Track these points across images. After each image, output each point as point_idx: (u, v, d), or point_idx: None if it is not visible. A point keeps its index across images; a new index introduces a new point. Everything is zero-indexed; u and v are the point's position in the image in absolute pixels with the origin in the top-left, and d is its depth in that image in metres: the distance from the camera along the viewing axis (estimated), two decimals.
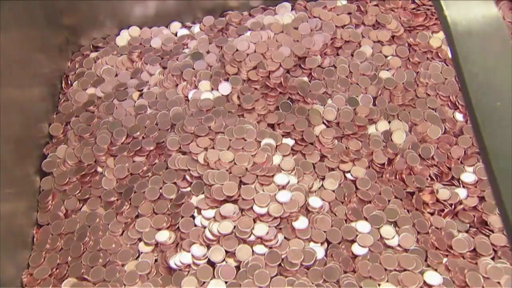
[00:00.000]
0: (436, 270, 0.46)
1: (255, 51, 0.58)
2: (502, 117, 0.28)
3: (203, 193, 0.49)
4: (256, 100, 0.55)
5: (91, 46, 0.62)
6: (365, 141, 0.55)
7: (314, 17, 0.61)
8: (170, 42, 0.61)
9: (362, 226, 0.48)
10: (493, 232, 0.48)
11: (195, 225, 0.48)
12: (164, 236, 0.47)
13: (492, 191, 0.27)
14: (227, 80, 0.57)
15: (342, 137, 0.55)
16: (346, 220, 0.49)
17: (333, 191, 0.51)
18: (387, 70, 0.59)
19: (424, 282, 0.45)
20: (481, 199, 0.51)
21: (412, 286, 0.44)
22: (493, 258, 0.47)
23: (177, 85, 0.57)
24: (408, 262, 0.46)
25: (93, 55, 0.62)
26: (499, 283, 0.44)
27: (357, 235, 0.48)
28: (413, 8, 0.62)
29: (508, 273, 0.45)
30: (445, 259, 0.47)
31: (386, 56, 0.60)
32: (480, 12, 0.32)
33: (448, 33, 0.32)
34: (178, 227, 0.48)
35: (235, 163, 0.50)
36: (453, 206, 0.51)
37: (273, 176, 0.49)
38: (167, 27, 0.63)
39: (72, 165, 0.52)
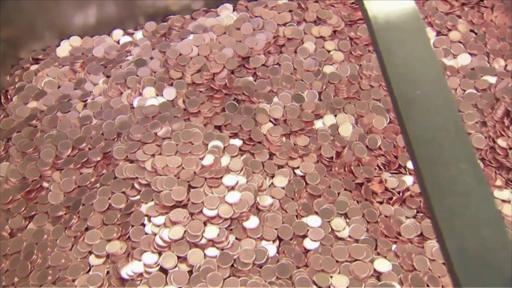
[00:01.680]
0: (385, 257, 0.47)
1: (198, 54, 0.58)
2: (422, 105, 0.29)
3: (152, 200, 0.49)
4: (201, 103, 0.55)
5: (31, 58, 0.61)
6: (313, 136, 0.55)
7: (256, 16, 0.61)
8: (113, 50, 0.60)
9: (313, 221, 0.49)
10: None
11: (146, 233, 0.47)
12: (115, 246, 0.47)
13: (416, 176, 0.28)
14: (171, 85, 0.56)
15: (290, 134, 0.55)
16: (297, 216, 0.50)
17: (283, 188, 0.51)
18: (331, 65, 0.60)
19: (375, 270, 0.46)
20: None
21: (363, 275, 0.45)
22: None
23: (121, 93, 0.57)
24: (358, 252, 0.46)
25: (34, 67, 0.60)
26: (444, 264, 0.45)
27: (308, 230, 0.48)
28: (352, 3, 0.63)
29: None
30: (394, 246, 0.48)
31: (329, 51, 0.61)
32: (399, 6, 0.33)
33: (369, 26, 0.32)
34: (129, 236, 0.47)
35: (183, 168, 0.50)
36: (401, 194, 0.52)
37: (221, 177, 0.49)
38: (109, 35, 0.62)
39: (16, 182, 0.51)
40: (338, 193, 0.52)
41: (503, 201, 0.50)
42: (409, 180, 0.53)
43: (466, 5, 0.63)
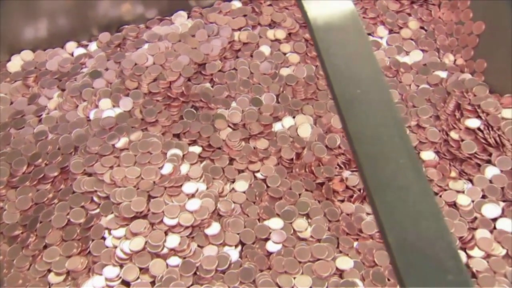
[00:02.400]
0: (347, 255, 0.48)
1: (154, 63, 0.57)
2: (362, 103, 0.30)
3: (112, 212, 0.48)
4: (159, 112, 0.55)
5: None
6: (272, 139, 0.56)
7: (211, 22, 0.62)
8: (67, 63, 0.59)
9: (275, 223, 0.49)
10: None
11: (107, 247, 0.47)
12: (75, 262, 0.46)
13: (358, 172, 0.28)
14: (127, 95, 0.56)
15: (249, 137, 0.56)
16: (259, 220, 0.50)
17: (244, 192, 0.52)
18: (287, 67, 0.61)
19: (337, 268, 0.46)
20: None
21: (326, 274, 0.45)
22: None
23: (77, 106, 0.56)
24: (320, 252, 0.47)
25: None
26: None
27: (270, 233, 0.48)
28: None
29: None
30: (355, 243, 0.49)
31: (284, 54, 0.61)
32: (337, 7, 0.33)
33: (309, 28, 0.33)
34: (89, 251, 0.47)
35: (142, 178, 0.50)
36: (361, 191, 0.53)
37: (181, 186, 0.49)
38: (62, 48, 0.61)
39: None
40: (299, 194, 0.52)
41: (458, 191, 0.51)
42: None
43: (415, 3, 0.65)
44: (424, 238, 0.26)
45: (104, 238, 0.47)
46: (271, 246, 0.48)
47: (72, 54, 0.61)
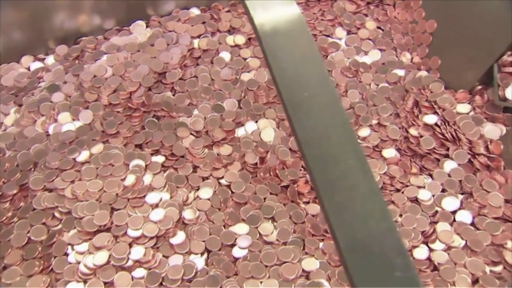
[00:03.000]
0: (313, 256, 0.48)
1: (113, 74, 0.57)
2: (310, 107, 0.30)
3: (74, 227, 0.47)
4: (120, 123, 0.54)
5: None
6: (236, 144, 0.56)
7: (169, 31, 0.61)
8: (24, 78, 0.58)
9: (240, 228, 0.49)
10: None
11: (70, 263, 0.46)
12: (37, 281, 0.45)
13: (308, 174, 0.29)
14: (87, 108, 0.55)
15: (213, 144, 0.56)
16: (224, 226, 0.50)
17: (209, 199, 0.52)
18: (248, 72, 0.61)
19: (303, 270, 0.47)
20: None
21: (292, 276, 0.46)
22: None
23: (35, 121, 0.55)
24: (286, 254, 0.47)
25: None
26: None
27: (236, 238, 0.48)
28: None
29: None
30: (321, 244, 0.49)
31: (245, 59, 0.62)
32: (283, 12, 0.34)
33: (256, 34, 0.33)
34: (52, 268, 0.46)
35: (104, 191, 0.49)
36: None
37: (144, 196, 0.49)
38: (18, 63, 0.60)
39: None
40: (264, 198, 0.52)
41: (419, 187, 0.52)
42: None
43: (371, 4, 0.66)
44: (372, 236, 0.26)
45: (67, 254, 0.46)
46: (237, 252, 0.48)
47: (28, 69, 0.60)
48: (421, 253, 0.48)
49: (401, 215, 0.50)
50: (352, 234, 0.26)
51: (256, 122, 0.58)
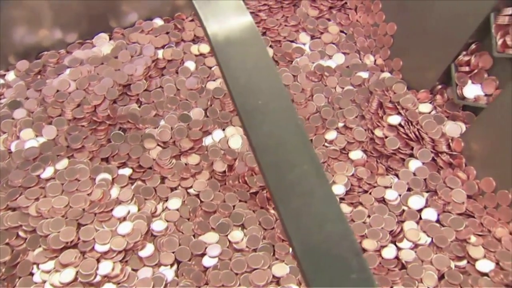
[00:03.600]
0: (283, 261, 0.48)
1: (77, 88, 0.56)
2: (263, 114, 0.31)
3: (40, 246, 0.46)
4: (84, 137, 0.54)
5: None
6: (204, 153, 0.56)
7: (133, 42, 0.61)
8: None
9: (210, 237, 0.49)
10: None
11: (35, 282, 0.45)
12: None
13: (264, 180, 0.29)
14: (50, 123, 0.54)
15: (180, 154, 0.55)
16: (194, 236, 0.50)
17: (177, 210, 0.51)
18: (214, 81, 0.61)
19: (273, 275, 0.47)
20: None
21: (262, 283, 0.46)
22: None
23: None
24: (256, 261, 0.47)
25: None
26: None
27: (206, 248, 0.48)
28: None
29: None
30: (291, 249, 0.49)
31: (210, 68, 0.62)
32: (236, 22, 0.34)
33: (210, 43, 0.33)
34: None
35: (70, 207, 0.48)
36: None
37: (112, 210, 0.48)
38: None
39: None
40: (234, 206, 0.52)
41: (386, 187, 0.53)
42: None
43: (333, 8, 0.67)
44: (328, 240, 0.27)
45: (32, 274, 0.46)
46: (207, 261, 0.48)
47: None
48: (389, 252, 0.48)
49: (369, 216, 0.51)
50: (308, 239, 0.26)
51: (224, 130, 0.58)
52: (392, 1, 0.61)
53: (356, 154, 0.57)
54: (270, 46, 0.65)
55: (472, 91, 0.53)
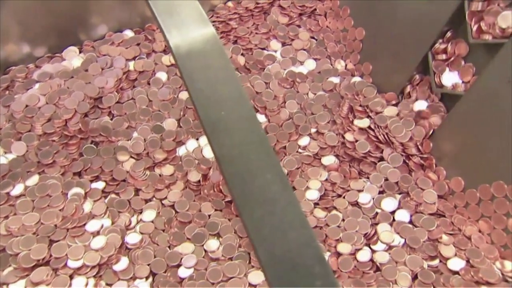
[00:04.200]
0: (259, 268, 0.48)
1: (46, 103, 0.56)
2: (227, 125, 0.31)
3: (10, 265, 0.46)
4: (55, 152, 0.53)
5: None
6: (178, 163, 0.56)
7: (103, 55, 0.61)
8: None
9: (186, 248, 0.49)
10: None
11: None
12: None
13: (228, 190, 0.29)
14: (20, 139, 0.54)
15: (154, 165, 0.55)
16: (169, 247, 0.50)
17: (152, 221, 0.51)
18: (186, 90, 0.61)
19: (249, 283, 0.47)
20: (293, 188, 0.55)
21: None
22: None
23: None
24: (232, 270, 0.47)
25: None
26: None
27: (181, 258, 0.48)
28: None
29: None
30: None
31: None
32: (199, 33, 0.34)
33: (173, 55, 0.34)
34: None
35: (42, 223, 0.48)
36: None
37: (84, 225, 0.48)
38: None
39: None
40: (209, 215, 0.52)
41: (359, 190, 0.53)
42: None
43: (303, 15, 0.67)
44: (292, 248, 0.27)
45: None
46: (182, 272, 0.47)
47: None
48: (364, 255, 0.49)
49: (343, 220, 0.52)
50: (272, 247, 0.27)
51: (197, 139, 0.58)
52: (360, 6, 0.61)
53: (329, 159, 0.57)
54: (242, 54, 0.65)
55: (449, 79, 0.53)
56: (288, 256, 0.27)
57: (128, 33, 0.63)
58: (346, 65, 0.64)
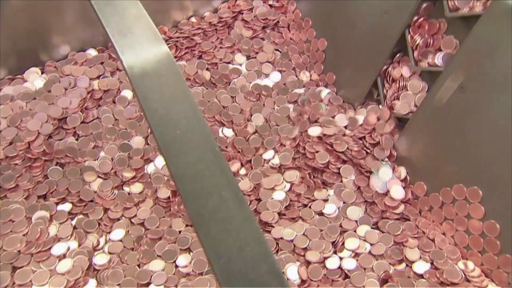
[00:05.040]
0: None
1: (8, 126, 0.55)
2: (182, 143, 0.31)
3: None
4: (18, 176, 0.52)
5: None
6: (147, 181, 0.55)
7: (66, 75, 0.60)
8: None
9: (156, 265, 0.49)
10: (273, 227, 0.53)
11: None
12: None
13: (184, 210, 0.29)
14: None
15: (123, 184, 0.55)
16: (139, 265, 0.49)
17: (121, 240, 0.51)
18: None
19: None
20: (259, 200, 0.55)
21: None
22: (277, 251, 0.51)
23: None
24: (202, 285, 0.47)
25: None
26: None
27: (151, 276, 0.48)
28: None
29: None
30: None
31: None
32: (153, 52, 0.34)
33: (127, 76, 0.34)
34: None
35: (4, 250, 0.47)
36: None
37: (50, 248, 0.47)
38: None
39: None
40: (180, 231, 0.52)
41: (324, 200, 0.54)
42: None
43: (266, 27, 0.68)
44: (248, 264, 0.27)
45: None
46: None
47: None
48: (332, 263, 0.49)
49: (310, 229, 0.52)
50: (228, 264, 0.27)
51: None
52: (321, 18, 0.63)
53: (292, 172, 0.57)
54: (207, 69, 0.66)
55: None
56: (245, 272, 0.27)
57: (92, 52, 0.63)
58: (311, 75, 0.65)
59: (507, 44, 0.41)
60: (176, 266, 0.49)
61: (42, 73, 0.61)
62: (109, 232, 0.52)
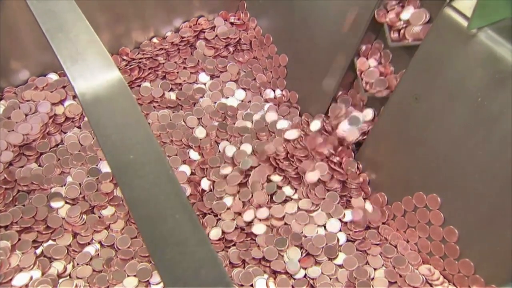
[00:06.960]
0: None
1: None
2: (135, 168, 0.31)
3: None
4: None
5: None
6: (118, 203, 0.55)
7: (27, 101, 0.60)
8: None
9: (129, 283, 0.49)
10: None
11: None
12: None
13: (140, 234, 0.29)
14: None
15: (92, 208, 0.55)
16: (108, 287, 0.49)
17: (89, 264, 0.50)
18: None
19: None
20: None
21: None
22: None
23: None
24: None
25: None
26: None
27: None
28: (126, 65, 0.64)
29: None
30: None
31: None
32: (104, 78, 0.35)
33: (80, 103, 0.34)
34: None
35: None
36: None
37: (11, 280, 0.47)
38: None
39: None
40: None
41: (307, 210, 0.55)
42: None
43: (229, 45, 0.69)
44: (204, 286, 0.27)
45: None
46: None
47: None
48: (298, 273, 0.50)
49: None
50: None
51: None
52: (281, 34, 0.64)
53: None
54: (171, 90, 0.66)
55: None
56: None
57: (53, 76, 0.63)
58: (274, 91, 0.66)
59: (456, 54, 0.43)
60: (148, 284, 0.49)
61: (1, 99, 0.60)
62: (77, 257, 0.51)
